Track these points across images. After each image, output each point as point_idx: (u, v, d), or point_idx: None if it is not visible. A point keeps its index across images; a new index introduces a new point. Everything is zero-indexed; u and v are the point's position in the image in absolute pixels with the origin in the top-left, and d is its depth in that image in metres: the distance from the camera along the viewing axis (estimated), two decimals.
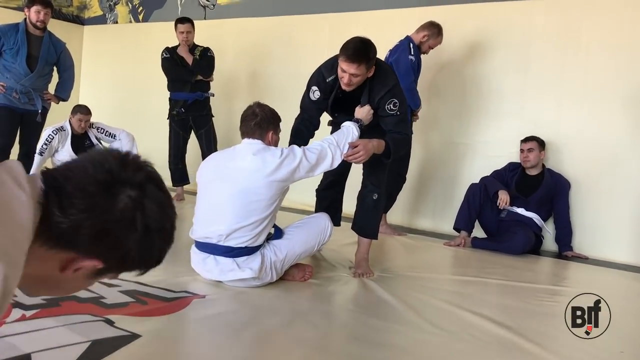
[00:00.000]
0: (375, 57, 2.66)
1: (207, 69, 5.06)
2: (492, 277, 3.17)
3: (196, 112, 5.08)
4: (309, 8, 5.52)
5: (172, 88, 5.10)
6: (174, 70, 5.02)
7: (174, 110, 5.08)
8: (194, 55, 5.02)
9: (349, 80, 2.63)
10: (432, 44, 4.23)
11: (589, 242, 4.09)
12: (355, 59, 2.57)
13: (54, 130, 5.00)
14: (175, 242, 2.67)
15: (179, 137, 5.16)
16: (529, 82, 4.39)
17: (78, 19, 7.49)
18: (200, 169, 2.67)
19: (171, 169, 5.22)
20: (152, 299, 2.21)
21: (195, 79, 4.99)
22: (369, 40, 2.65)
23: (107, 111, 6.50)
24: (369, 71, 2.66)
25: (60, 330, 1.80)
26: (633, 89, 3.94)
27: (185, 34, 4.98)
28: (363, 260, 2.95)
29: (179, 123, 5.12)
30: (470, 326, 2.25)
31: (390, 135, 2.74)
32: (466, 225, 4.15)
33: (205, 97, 5.10)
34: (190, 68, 4.97)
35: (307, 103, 2.89)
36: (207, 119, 5.15)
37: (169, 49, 5.08)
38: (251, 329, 2.01)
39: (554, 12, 4.28)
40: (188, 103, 5.03)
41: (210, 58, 5.09)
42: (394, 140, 2.73)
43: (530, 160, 4.11)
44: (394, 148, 2.71)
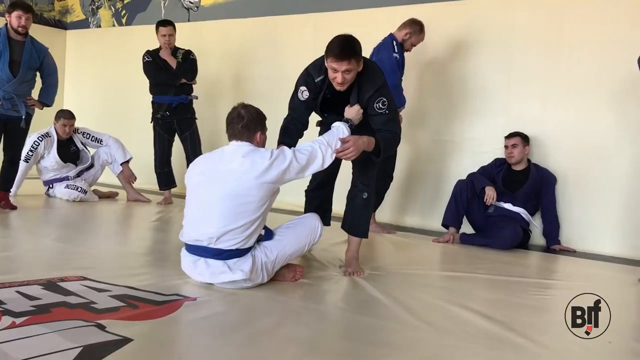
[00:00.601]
0: (361, 50, 2.68)
1: (191, 72, 5.04)
2: (481, 272, 3.20)
3: (180, 115, 5.06)
4: (293, 8, 5.52)
5: (156, 91, 5.06)
6: (157, 74, 4.99)
7: (158, 114, 5.05)
8: (176, 59, 4.99)
9: (342, 79, 2.64)
10: (415, 42, 4.25)
11: (577, 236, 4.14)
12: (344, 55, 2.58)
13: (39, 137, 4.97)
14: (165, 246, 2.69)
15: (164, 140, 5.13)
16: (514, 78, 4.43)
17: (60, 23, 7.44)
18: (189, 171, 2.66)
19: (157, 173, 5.20)
20: (143, 303, 2.20)
21: (179, 82, 4.97)
22: (351, 36, 2.67)
23: (91, 116, 6.48)
24: (359, 65, 2.67)
25: (51, 337, 1.79)
26: (616, 83, 3.99)
27: (167, 37, 4.95)
28: (353, 259, 2.96)
29: (163, 126, 5.09)
30: (461, 321, 2.26)
31: (380, 133, 2.75)
32: (454, 221, 4.18)
33: (189, 100, 5.09)
34: (175, 72, 4.94)
35: (296, 103, 2.90)
36: (192, 121, 5.13)
37: (150, 52, 5.04)
38: (243, 330, 2.01)
39: (537, 8, 4.32)
40: (173, 106, 5.00)
41: (193, 61, 5.06)
42: (384, 139, 2.73)
43: (514, 156, 4.14)
44: (384, 146, 2.72)
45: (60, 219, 4.40)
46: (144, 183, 5.77)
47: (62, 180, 5.13)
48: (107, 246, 3.52)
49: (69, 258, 2.94)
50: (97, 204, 5.04)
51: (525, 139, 4.17)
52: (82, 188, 5.05)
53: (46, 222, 4.30)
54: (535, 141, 4.27)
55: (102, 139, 5.33)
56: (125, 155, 5.31)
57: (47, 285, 2.35)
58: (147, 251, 3.37)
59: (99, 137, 5.32)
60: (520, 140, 4.15)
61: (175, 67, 4.95)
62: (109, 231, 4.22)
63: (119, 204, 5.19)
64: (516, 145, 4.14)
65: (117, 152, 5.31)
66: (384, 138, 2.74)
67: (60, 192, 5.07)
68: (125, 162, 5.31)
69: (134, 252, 3.25)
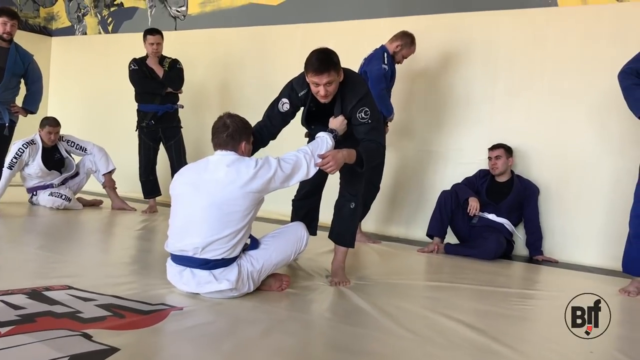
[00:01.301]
0: (339, 60, 2.70)
1: (178, 81, 5.03)
2: (465, 282, 3.23)
3: (166, 124, 5.05)
4: (280, 19, 5.55)
5: (141, 100, 5.04)
6: (143, 82, 4.97)
7: (144, 122, 5.03)
8: (163, 67, 4.99)
9: (325, 92, 2.67)
10: (406, 54, 4.30)
11: (558, 246, 4.20)
12: (324, 69, 2.62)
13: (24, 144, 4.93)
14: (150, 255, 2.69)
15: (149, 148, 5.11)
16: (498, 90, 4.49)
17: (45, 30, 7.40)
18: (174, 181, 2.65)
19: (142, 181, 5.18)
20: (129, 312, 2.20)
21: (165, 92, 4.96)
22: (327, 49, 2.71)
23: (75, 123, 6.44)
24: (339, 75, 2.70)
25: (36, 347, 1.78)
26: (598, 96, 4.07)
27: (155, 45, 4.95)
28: (339, 268, 2.98)
29: (148, 135, 5.07)
30: (445, 331, 2.29)
31: (363, 144, 2.77)
32: (439, 231, 4.21)
33: (174, 109, 5.07)
34: (161, 81, 4.93)
35: (275, 112, 2.91)
36: (177, 130, 5.12)
37: (136, 60, 5.02)
38: (230, 339, 2.02)
39: (521, 22, 4.40)
40: (158, 115, 4.99)
41: (179, 70, 5.05)
42: (367, 149, 2.74)
43: (498, 168, 4.20)
44: (366, 157, 2.73)
45: (44, 227, 4.37)
46: (129, 191, 5.75)
47: (46, 188, 5.09)
48: (92, 255, 3.51)
49: (54, 267, 2.92)
50: (81, 212, 5.01)
51: (509, 151, 4.23)
52: (66, 196, 5.01)
53: (30, 230, 4.26)
54: (518, 152, 4.33)
55: (86, 148, 5.29)
56: (108, 166, 5.28)
57: (31, 295, 2.33)
58: (133, 260, 3.36)
59: (84, 146, 5.29)
60: (504, 152, 4.21)
61: (162, 76, 4.94)
62: (93, 240, 4.20)
63: (104, 212, 5.15)
64: (500, 156, 4.19)
65: (100, 161, 5.27)
66: (367, 148, 2.74)
67: (44, 199, 5.02)
68: (108, 173, 5.27)
69: (119, 261, 3.24)
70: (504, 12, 4.46)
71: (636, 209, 3.15)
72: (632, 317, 2.73)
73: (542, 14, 4.31)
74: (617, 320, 2.57)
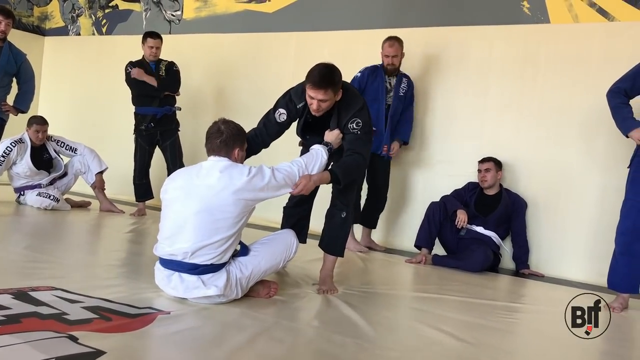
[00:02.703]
0: (340, 81, 2.73)
1: (174, 85, 5.01)
2: (452, 294, 3.25)
3: (164, 126, 5.03)
4: (275, 26, 5.57)
5: (139, 103, 5.01)
6: (140, 85, 4.92)
7: (142, 125, 4.99)
8: (159, 70, 4.96)
9: (318, 107, 2.70)
10: (382, 54, 4.40)
11: (545, 260, 4.23)
12: (321, 85, 2.64)
13: (12, 142, 4.90)
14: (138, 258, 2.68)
15: (145, 152, 5.09)
16: (489, 104, 4.53)
17: (39, 29, 7.37)
18: (165, 185, 2.64)
19: (136, 184, 5.15)
20: (116, 315, 2.19)
21: (163, 94, 4.93)
22: (333, 66, 2.72)
23: (66, 124, 6.41)
24: (337, 95, 2.73)
25: (22, 348, 1.77)
26: (586, 114, 4.12)
27: (154, 49, 4.94)
28: (328, 277, 2.98)
29: (146, 138, 5.04)
30: (431, 342, 2.30)
31: (345, 157, 2.77)
32: (427, 242, 4.24)
33: (173, 111, 5.05)
34: (158, 89, 4.88)
35: (271, 121, 2.92)
36: (174, 132, 5.10)
37: (133, 63, 5.00)
38: (217, 345, 2.01)
39: (514, 38, 4.45)
40: (157, 117, 4.96)
41: (175, 73, 5.04)
42: (346, 164, 2.75)
43: (487, 180, 4.23)
44: (343, 173, 2.72)
45: (31, 227, 4.34)
46: (117, 193, 5.72)
47: (34, 188, 5.05)
48: (79, 256, 3.48)
49: (40, 267, 2.90)
50: (69, 213, 4.98)
51: (498, 164, 4.26)
52: (54, 196, 4.98)
53: (16, 230, 4.23)
54: (507, 166, 4.36)
55: (76, 148, 5.27)
56: (101, 166, 5.26)
57: (17, 295, 2.31)
58: (120, 263, 3.34)
59: (74, 146, 5.26)
60: (494, 165, 4.24)
61: (157, 85, 4.88)
62: (81, 241, 4.17)
63: (91, 214, 5.13)
64: (489, 169, 4.23)
65: (92, 162, 5.25)
66: (346, 163, 2.75)
67: (32, 199, 4.99)
68: (100, 172, 5.25)
69: (107, 263, 3.22)
70: (496, 28, 4.52)
71: (622, 226, 3.19)
72: (616, 334, 2.75)
73: (535, 30, 4.37)
74: (602, 336, 2.59)
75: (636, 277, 3.20)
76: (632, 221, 3.14)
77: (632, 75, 3.17)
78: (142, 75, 4.87)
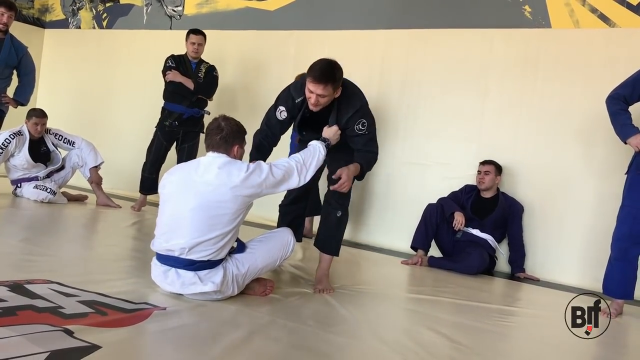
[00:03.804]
0: (341, 78, 2.74)
1: (210, 90, 4.94)
2: (447, 296, 3.26)
3: (189, 127, 4.97)
4: (276, 24, 5.57)
5: (169, 98, 4.94)
6: (175, 83, 4.83)
7: (167, 121, 4.93)
8: (199, 72, 4.91)
9: (316, 101, 2.70)
10: None
11: (540, 265, 4.24)
12: (322, 79, 2.64)
13: (11, 135, 4.88)
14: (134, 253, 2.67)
15: (162, 147, 5.02)
16: (488, 107, 4.54)
17: (39, 21, 7.35)
18: (163, 179, 2.64)
19: (144, 176, 5.07)
20: (112, 310, 2.18)
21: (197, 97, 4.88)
22: (335, 62, 2.73)
23: (64, 117, 6.39)
24: (336, 92, 2.73)
25: (17, 340, 1.76)
26: (585, 119, 4.12)
27: (196, 45, 4.87)
28: (324, 276, 2.99)
29: (167, 134, 4.97)
30: (426, 343, 2.30)
31: (360, 154, 2.82)
32: (423, 244, 4.24)
33: (200, 114, 4.99)
34: (193, 92, 4.83)
35: (272, 121, 2.94)
36: (196, 135, 5.02)
37: (174, 57, 4.92)
38: (212, 342, 2.01)
39: (514, 41, 4.45)
40: (184, 117, 4.91)
41: (214, 78, 4.98)
42: (366, 160, 2.84)
43: (485, 183, 4.23)
44: (366, 168, 2.83)
45: (28, 220, 4.33)
46: (114, 188, 5.71)
47: (31, 180, 5.03)
48: (75, 250, 3.48)
49: (36, 260, 2.89)
50: (65, 207, 4.96)
51: (499, 169, 4.26)
52: (51, 189, 4.97)
53: (13, 222, 4.21)
54: (505, 170, 4.37)
55: (74, 142, 5.24)
56: (96, 160, 5.23)
57: (13, 287, 2.31)
58: (116, 258, 3.33)
59: (72, 140, 5.24)
60: (494, 169, 4.24)
61: (193, 88, 4.83)
62: (77, 235, 4.16)
63: (88, 208, 5.11)
64: (489, 172, 4.23)
65: (88, 155, 5.22)
66: (366, 159, 2.83)
67: (29, 192, 4.97)
68: (95, 167, 5.22)
69: (103, 257, 3.22)
70: (497, 31, 4.52)
71: (619, 232, 3.20)
72: (611, 339, 2.76)
73: (535, 35, 4.37)
74: (597, 341, 2.60)
75: (631, 284, 3.21)
76: (628, 227, 3.15)
77: (631, 82, 3.18)
78: (177, 77, 4.82)
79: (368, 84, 4.18)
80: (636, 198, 3.15)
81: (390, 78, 4.67)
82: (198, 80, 4.88)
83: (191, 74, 4.90)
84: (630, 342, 2.98)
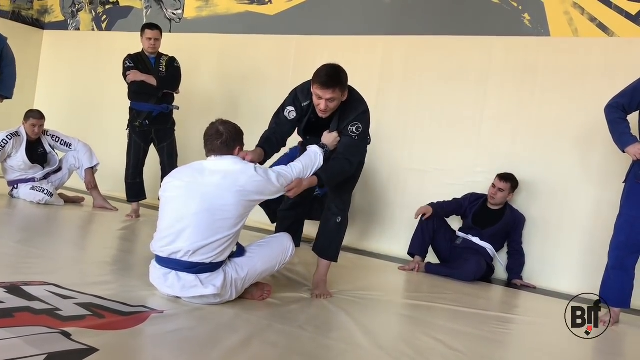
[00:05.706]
0: (347, 81, 2.76)
1: (174, 82, 4.83)
2: (444, 303, 3.25)
3: (160, 124, 4.85)
4: (276, 29, 5.57)
5: (135, 98, 4.82)
6: (138, 83, 4.72)
7: (137, 122, 4.80)
8: (159, 66, 4.82)
9: (325, 107, 2.71)
10: None
11: (537, 272, 4.23)
12: (329, 84, 2.66)
13: (8, 135, 4.87)
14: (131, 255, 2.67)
15: (140, 149, 4.87)
16: (486, 114, 4.54)
17: (38, 22, 7.34)
18: (165, 183, 2.63)
19: (128, 183, 4.92)
20: (109, 313, 2.18)
21: (162, 93, 4.79)
22: (339, 66, 2.75)
23: (62, 118, 6.38)
24: (343, 95, 2.74)
25: (14, 342, 1.76)
26: (583, 128, 4.13)
27: (153, 40, 4.76)
28: (322, 281, 2.99)
29: (140, 135, 4.84)
30: (422, 349, 2.30)
31: (335, 161, 2.78)
32: (420, 250, 4.24)
33: (170, 110, 4.89)
34: (158, 87, 4.72)
35: (282, 120, 2.93)
36: (171, 132, 4.93)
37: (131, 56, 4.82)
38: (210, 346, 2.01)
39: (514, 49, 4.46)
40: (153, 115, 4.79)
41: (176, 69, 4.86)
42: (337, 169, 2.77)
43: (496, 199, 4.17)
44: (327, 178, 2.75)
45: (24, 221, 4.31)
46: (112, 190, 5.69)
47: (27, 182, 5.02)
48: (72, 252, 3.47)
49: (33, 262, 2.88)
50: (62, 209, 4.95)
51: (514, 186, 4.20)
52: (48, 191, 4.95)
53: (9, 223, 4.20)
54: (502, 176, 4.36)
55: (71, 143, 5.23)
56: (92, 161, 5.20)
57: (10, 289, 2.30)
58: (113, 260, 3.33)
59: (69, 141, 5.23)
60: (509, 187, 4.17)
61: (156, 84, 4.72)
62: (74, 237, 4.15)
63: (85, 210, 5.10)
64: (503, 190, 4.16)
65: (84, 156, 5.21)
66: (331, 169, 2.77)
67: (25, 193, 4.95)
68: (90, 168, 5.19)
69: (100, 260, 3.21)
70: (497, 39, 4.53)
71: (616, 240, 3.21)
72: (607, 347, 2.77)
73: (534, 43, 4.38)
74: (593, 349, 2.61)
75: (628, 292, 3.21)
76: (625, 236, 3.16)
77: (630, 91, 3.19)
78: (138, 76, 4.70)
79: (367, 89, 4.16)
80: (634, 207, 3.15)
81: (390, 84, 4.66)
82: (160, 75, 4.77)
83: (152, 70, 4.78)
84: (627, 350, 2.98)
